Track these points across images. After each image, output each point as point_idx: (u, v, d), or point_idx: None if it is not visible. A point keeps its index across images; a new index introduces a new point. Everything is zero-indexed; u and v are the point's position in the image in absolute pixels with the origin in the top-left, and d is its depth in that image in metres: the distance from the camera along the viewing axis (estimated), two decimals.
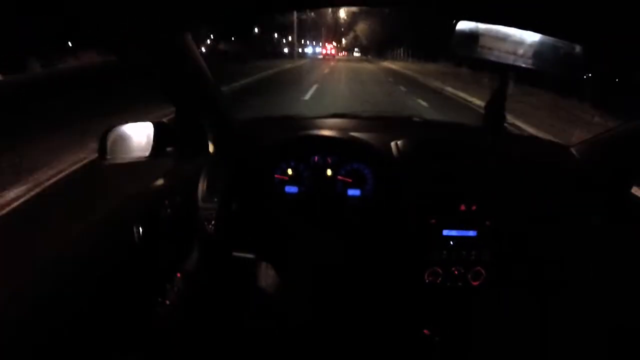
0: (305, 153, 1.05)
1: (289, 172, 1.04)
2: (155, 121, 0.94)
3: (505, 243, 0.97)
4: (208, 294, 1.06)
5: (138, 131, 0.94)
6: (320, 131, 1.07)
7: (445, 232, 0.97)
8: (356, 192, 1.04)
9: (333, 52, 48.25)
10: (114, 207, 0.97)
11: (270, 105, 6.92)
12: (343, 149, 1.04)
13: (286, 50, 28.88)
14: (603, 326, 0.96)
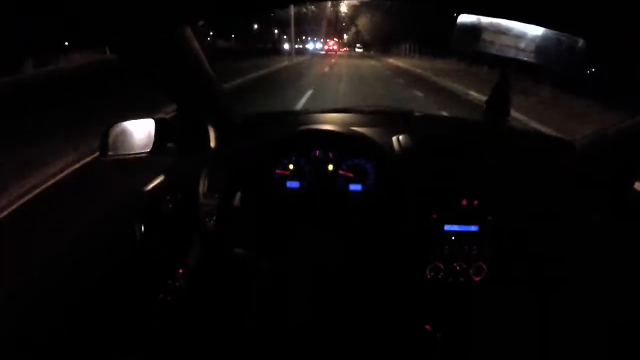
0: (306, 148, 1.05)
1: (290, 167, 1.06)
2: (156, 117, 0.95)
3: (506, 238, 0.98)
4: (209, 291, 1.08)
5: (139, 127, 0.95)
6: (321, 126, 1.08)
7: (446, 227, 0.98)
8: (357, 187, 1.05)
9: (335, 48, 48.83)
10: (115, 205, 0.99)
11: None
12: (344, 144, 1.05)
13: (286, 46, 28.77)
14: (603, 322, 0.97)
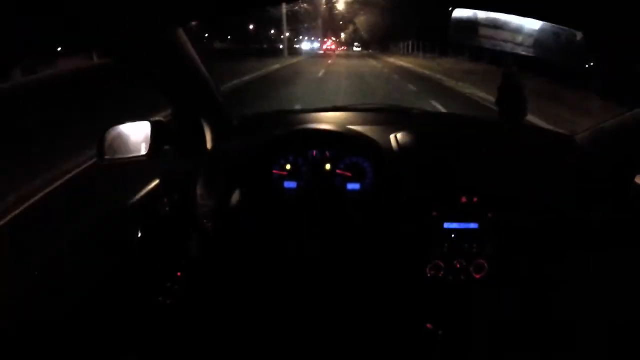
0: (302, 147, 1.06)
1: (287, 167, 1.06)
2: (152, 120, 0.96)
3: (506, 235, 0.98)
4: (208, 293, 1.08)
5: (136, 130, 0.96)
6: (317, 125, 1.08)
7: (446, 225, 0.98)
8: (356, 186, 1.06)
9: (333, 47, 49.88)
10: (113, 207, 0.99)
11: None
12: (341, 143, 1.05)
13: (281, 46, 28.72)
14: (604, 319, 0.97)
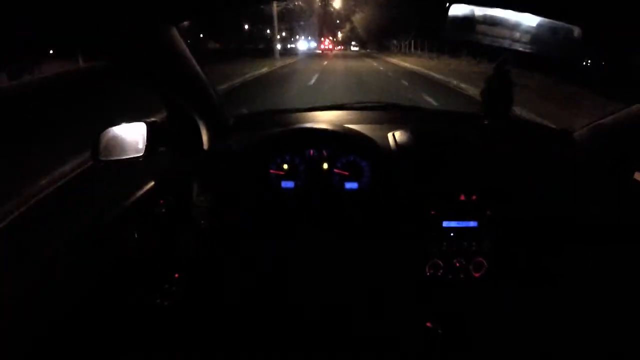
0: (300, 146, 1.07)
1: (285, 167, 1.06)
2: (148, 120, 0.97)
3: (505, 232, 0.99)
4: (205, 294, 1.08)
5: (131, 131, 0.97)
6: (314, 124, 1.09)
7: (445, 224, 0.99)
8: (353, 185, 1.06)
9: (330, 47, 51.64)
10: (111, 209, 0.99)
11: None
12: (338, 142, 1.06)
13: (279, 46, 28.69)
14: (603, 315, 0.98)
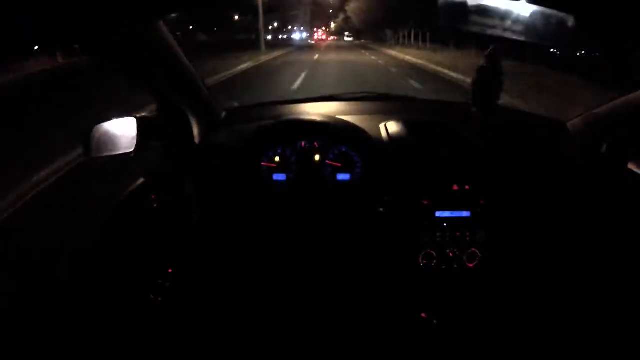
0: (291, 138, 1.07)
1: (276, 160, 1.07)
2: (138, 116, 0.97)
3: (499, 223, 0.99)
4: (199, 288, 1.08)
5: (122, 127, 0.97)
6: (305, 116, 1.08)
7: (438, 214, 0.99)
8: (346, 177, 1.07)
9: (324, 37, 55.83)
10: (104, 206, 0.99)
11: None
12: (330, 133, 1.07)
13: (269, 37, 28.38)
14: (599, 306, 1.00)
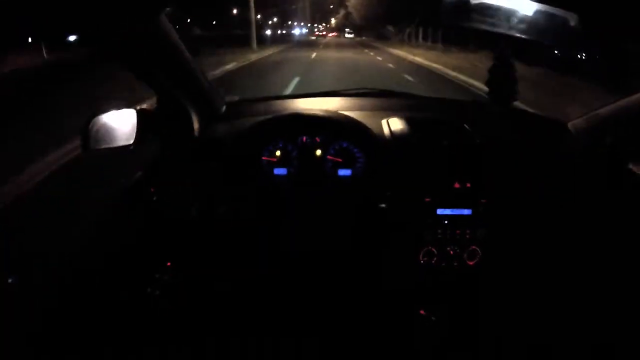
0: (292, 133, 1.07)
1: (277, 154, 1.07)
2: (138, 108, 0.97)
3: (500, 221, 1.00)
4: (197, 282, 1.08)
5: (121, 119, 0.97)
6: (307, 110, 1.08)
7: (439, 211, 1.00)
8: (347, 172, 1.07)
9: (324, 33, 58.05)
10: (101, 200, 0.99)
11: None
12: (331, 128, 1.07)
13: (268, 32, 28.15)
14: (600, 305, 1.00)
